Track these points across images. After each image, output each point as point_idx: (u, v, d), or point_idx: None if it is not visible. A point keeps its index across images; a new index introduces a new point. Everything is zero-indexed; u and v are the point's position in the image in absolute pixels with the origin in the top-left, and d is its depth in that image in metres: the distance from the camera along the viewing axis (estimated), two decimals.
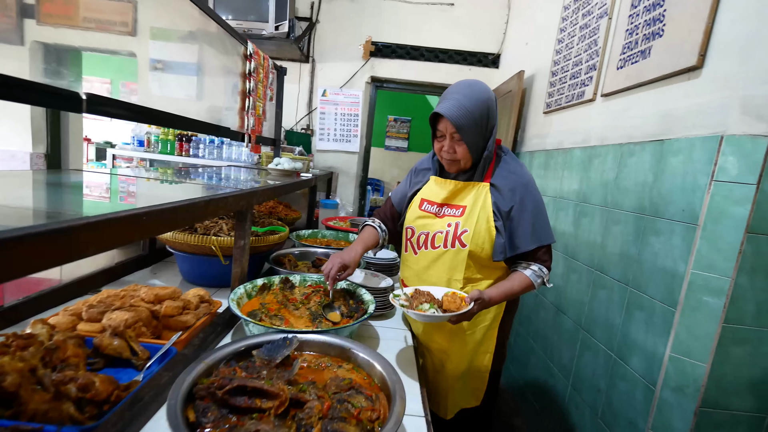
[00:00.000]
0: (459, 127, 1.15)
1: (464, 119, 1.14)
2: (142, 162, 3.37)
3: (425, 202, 1.33)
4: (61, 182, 1.17)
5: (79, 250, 0.54)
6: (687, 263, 1.20)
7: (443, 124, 1.19)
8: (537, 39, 2.74)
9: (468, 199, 1.25)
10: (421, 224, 1.31)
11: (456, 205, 1.27)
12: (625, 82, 1.60)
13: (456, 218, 1.24)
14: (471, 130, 1.16)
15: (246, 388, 0.72)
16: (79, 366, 0.87)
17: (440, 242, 1.26)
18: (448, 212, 1.27)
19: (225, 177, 1.87)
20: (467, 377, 1.37)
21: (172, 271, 1.68)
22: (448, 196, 1.28)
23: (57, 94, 0.91)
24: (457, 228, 1.23)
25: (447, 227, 1.24)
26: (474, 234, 1.20)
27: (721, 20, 1.19)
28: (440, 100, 1.21)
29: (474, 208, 1.23)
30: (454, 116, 1.14)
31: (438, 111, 1.17)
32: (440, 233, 1.26)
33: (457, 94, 1.17)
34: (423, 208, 1.32)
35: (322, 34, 3.59)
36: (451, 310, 1.06)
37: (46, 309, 1.17)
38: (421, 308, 1.07)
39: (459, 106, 1.14)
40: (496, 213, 1.20)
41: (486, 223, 1.20)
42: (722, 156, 1.13)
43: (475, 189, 1.24)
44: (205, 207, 0.91)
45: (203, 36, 1.72)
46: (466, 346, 1.32)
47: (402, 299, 1.13)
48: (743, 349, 1.14)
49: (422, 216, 1.32)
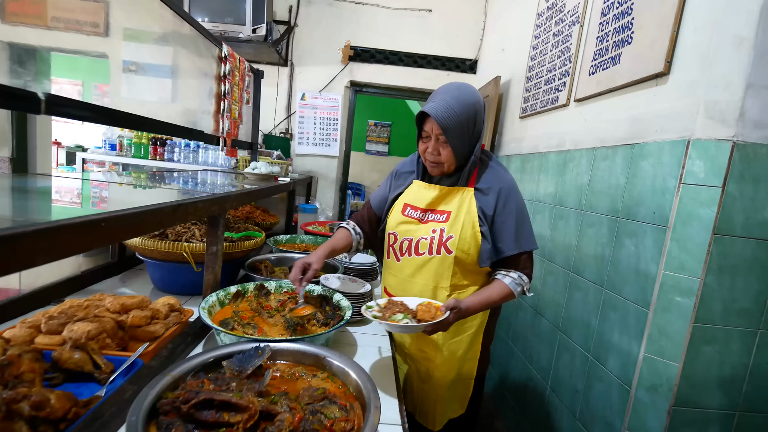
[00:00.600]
0: (445, 129, 1.13)
1: (450, 121, 1.13)
2: (114, 166, 3.25)
3: (408, 207, 1.30)
4: (23, 187, 1.11)
5: (26, 259, 0.50)
6: (658, 264, 1.23)
7: (429, 125, 1.18)
8: (513, 45, 2.79)
9: (452, 205, 1.23)
10: (404, 230, 1.28)
11: (440, 211, 1.24)
12: (597, 87, 1.64)
13: (441, 224, 1.22)
14: (456, 132, 1.15)
15: (213, 402, 0.69)
16: (35, 382, 0.82)
17: (425, 249, 1.24)
18: (432, 218, 1.25)
19: (200, 181, 1.82)
20: (454, 385, 1.35)
21: (143, 279, 1.61)
22: (432, 202, 1.26)
23: (13, 94, 0.86)
24: (442, 234, 1.21)
25: (431, 233, 1.22)
26: (460, 240, 1.19)
27: (685, 29, 1.23)
28: (428, 100, 1.19)
29: (459, 213, 1.21)
30: (440, 117, 1.12)
31: (425, 110, 1.15)
32: (424, 239, 1.23)
33: (445, 96, 1.16)
34: (406, 214, 1.29)
35: (301, 37, 3.57)
36: (425, 320, 1.04)
37: (2, 322, 1.10)
38: (393, 319, 1.05)
39: (446, 107, 1.13)
40: (482, 218, 1.19)
41: (471, 228, 1.19)
42: (689, 159, 1.17)
43: (460, 194, 1.23)
44: (173, 212, 0.87)
45: (177, 38, 1.68)
46: (453, 354, 1.30)
47: (375, 310, 1.10)
48: (713, 347, 1.18)
49: (405, 221, 1.29)
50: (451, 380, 1.33)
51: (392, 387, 1.02)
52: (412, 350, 1.35)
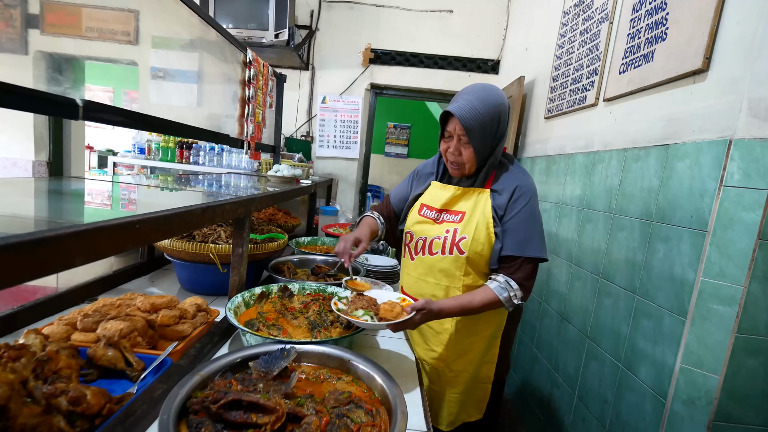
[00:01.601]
0: (468, 129, 1.13)
1: (474, 122, 1.12)
2: (142, 169, 3.36)
3: (425, 207, 1.31)
4: (60, 190, 1.16)
5: (66, 259, 0.51)
6: (696, 271, 1.17)
7: (452, 125, 1.17)
8: (537, 44, 2.73)
9: (467, 205, 1.22)
10: (419, 230, 1.29)
11: (455, 211, 1.24)
12: (627, 86, 1.59)
13: (454, 224, 1.22)
14: (479, 133, 1.14)
15: (242, 402, 0.69)
16: (72, 378, 0.85)
17: (438, 248, 1.23)
18: (446, 218, 1.25)
19: (224, 184, 1.86)
20: (470, 389, 1.33)
21: (171, 279, 1.65)
22: (447, 202, 1.26)
23: (53, 101, 0.90)
24: (455, 234, 1.20)
25: (445, 233, 1.22)
26: (472, 241, 1.18)
27: (726, 22, 1.17)
28: (453, 100, 1.19)
29: (473, 214, 1.20)
30: (464, 117, 1.12)
31: (449, 110, 1.15)
32: (438, 239, 1.23)
33: (470, 96, 1.15)
34: (422, 214, 1.30)
35: (322, 41, 3.60)
36: (386, 319, 1.01)
37: (42, 318, 1.15)
38: (355, 314, 1.03)
39: (471, 107, 1.12)
40: (496, 219, 1.18)
41: (486, 229, 1.18)
42: (731, 160, 1.10)
43: (476, 195, 1.22)
44: (202, 214, 0.89)
45: (203, 44, 1.72)
46: (466, 354, 1.28)
47: (342, 303, 1.09)
48: (757, 360, 1.11)
49: (421, 221, 1.29)
50: (464, 382, 1.30)
51: (416, 391, 1.01)
52: (420, 349, 1.33)
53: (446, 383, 1.31)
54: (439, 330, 1.29)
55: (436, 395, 1.34)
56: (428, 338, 1.32)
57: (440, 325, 1.28)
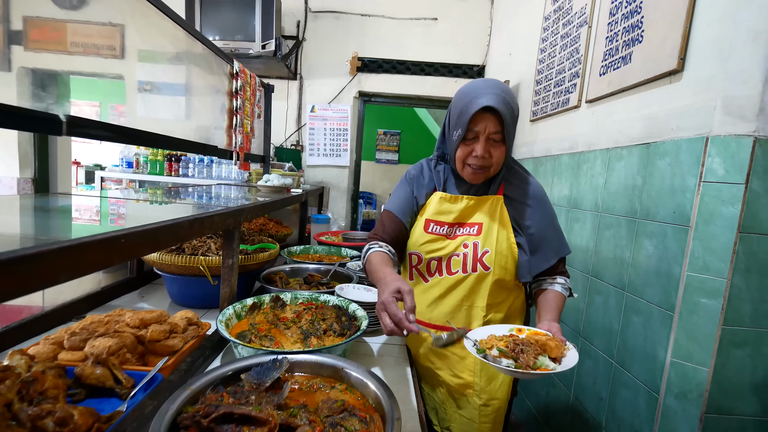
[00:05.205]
0: (506, 125, 1.00)
1: (510, 117, 1.00)
2: (131, 183, 3.33)
3: (432, 224, 1.16)
4: (45, 206, 1.14)
5: (49, 276, 0.51)
6: (681, 265, 1.19)
7: (484, 123, 1.01)
8: (520, 49, 2.78)
9: (483, 215, 1.11)
10: (430, 249, 1.15)
11: (470, 223, 1.12)
12: (608, 87, 1.62)
13: (473, 237, 1.10)
14: (513, 129, 1.04)
15: (233, 415, 0.69)
16: (59, 398, 0.83)
17: (458, 266, 1.11)
18: (462, 231, 1.12)
19: (214, 195, 1.85)
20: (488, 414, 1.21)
21: (161, 294, 1.63)
22: (460, 215, 1.13)
23: (36, 118, 0.89)
24: (476, 249, 1.09)
25: (464, 249, 1.10)
26: (497, 254, 1.07)
27: (698, 24, 1.21)
28: (473, 96, 1.01)
29: (492, 224, 1.09)
30: (505, 113, 0.99)
31: (487, 104, 0.97)
32: (456, 257, 1.11)
33: (496, 89, 1.01)
34: (430, 230, 1.16)
35: (309, 51, 3.63)
36: (560, 358, 0.87)
37: (27, 338, 1.13)
38: (540, 365, 0.85)
39: (504, 101, 0.99)
40: (516, 228, 1.09)
41: (507, 240, 1.09)
42: (709, 157, 1.14)
43: (489, 203, 1.12)
44: (190, 227, 0.88)
45: (189, 56, 1.72)
46: (495, 379, 1.16)
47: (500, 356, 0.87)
48: (744, 351, 1.13)
49: (430, 240, 1.16)
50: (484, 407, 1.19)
51: (411, 398, 1.01)
52: (444, 375, 1.21)
53: (476, 411, 1.18)
54: (462, 355, 1.17)
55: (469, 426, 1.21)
56: (453, 364, 1.20)
57: (463, 350, 1.09)
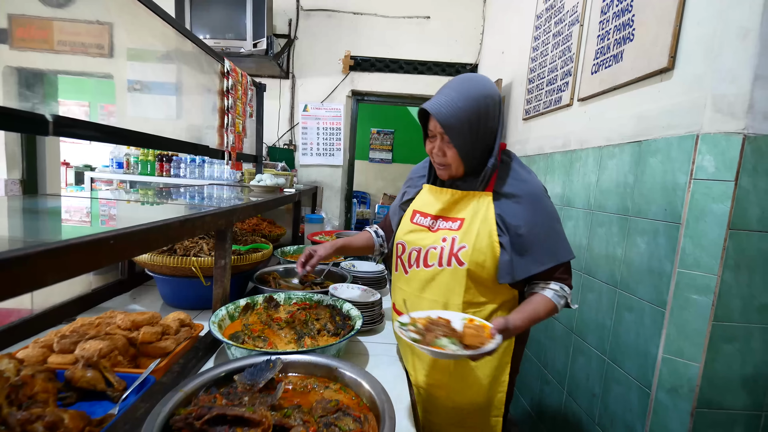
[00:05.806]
0: (447, 128, 1.01)
1: (453, 119, 0.99)
2: (121, 184, 3.29)
3: (417, 214, 1.18)
4: (34, 208, 1.12)
5: (37, 279, 0.50)
6: (673, 262, 1.21)
7: (432, 123, 1.06)
8: (513, 48, 2.79)
9: (467, 211, 1.09)
10: (413, 239, 1.15)
11: (453, 218, 1.11)
12: (600, 86, 1.63)
13: (452, 232, 1.08)
14: (461, 131, 1.01)
15: (226, 417, 0.68)
16: (49, 402, 0.82)
17: (434, 260, 1.10)
18: (443, 225, 1.11)
19: (206, 195, 1.83)
20: (476, 423, 1.17)
21: (153, 295, 1.62)
22: (443, 208, 1.13)
23: (22, 118, 0.87)
24: (453, 243, 1.07)
25: (442, 242, 1.09)
26: (473, 250, 1.04)
27: (688, 23, 1.22)
28: (434, 95, 1.07)
29: (474, 220, 1.07)
30: (441, 114, 1.00)
31: (425, 107, 1.03)
32: (434, 249, 1.10)
33: (450, 90, 1.02)
34: (415, 221, 1.17)
35: (301, 50, 3.60)
36: (473, 346, 0.84)
37: (17, 342, 1.11)
38: (437, 344, 0.85)
39: (449, 103, 1.00)
40: (501, 226, 1.05)
41: (488, 238, 1.04)
42: (699, 154, 1.15)
43: (476, 199, 1.09)
44: (181, 227, 0.87)
45: (179, 55, 1.70)
46: (471, 385, 1.13)
47: (412, 331, 0.90)
48: (733, 346, 1.14)
49: (414, 230, 1.16)
50: (467, 413, 1.15)
51: (405, 396, 1.01)
52: (414, 374, 1.19)
53: (444, 413, 1.16)
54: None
55: (432, 428, 1.19)
56: (426, 362, 1.16)
57: None
